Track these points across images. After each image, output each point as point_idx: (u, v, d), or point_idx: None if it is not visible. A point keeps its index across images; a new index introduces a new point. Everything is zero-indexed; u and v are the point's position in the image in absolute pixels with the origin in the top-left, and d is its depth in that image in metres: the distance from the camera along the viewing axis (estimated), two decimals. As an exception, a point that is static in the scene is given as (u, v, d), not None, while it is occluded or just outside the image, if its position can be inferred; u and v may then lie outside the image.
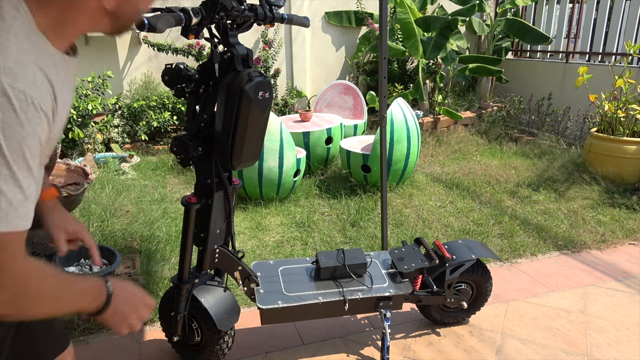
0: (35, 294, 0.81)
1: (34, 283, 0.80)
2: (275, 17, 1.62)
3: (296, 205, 3.80)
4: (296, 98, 6.14)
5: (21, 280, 0.78)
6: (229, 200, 1.77)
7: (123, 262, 2.68)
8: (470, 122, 6.16)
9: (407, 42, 5.66)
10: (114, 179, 4.03)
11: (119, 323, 1.02)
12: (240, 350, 2.17)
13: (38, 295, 0.81)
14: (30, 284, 0.80)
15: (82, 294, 0.91)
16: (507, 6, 6.17)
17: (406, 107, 4.04)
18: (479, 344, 2.24)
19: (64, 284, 0.87)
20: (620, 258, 3.08)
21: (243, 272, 1.94)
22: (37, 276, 0.81)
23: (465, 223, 3.52)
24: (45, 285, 0.83)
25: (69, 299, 0.88)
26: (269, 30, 5.81)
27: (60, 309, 0.87)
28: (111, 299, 0.97)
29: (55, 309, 0.86)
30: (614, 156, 4.17)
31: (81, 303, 0.91)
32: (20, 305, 0.80)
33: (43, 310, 0.84)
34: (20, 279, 0.78)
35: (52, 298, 0.84)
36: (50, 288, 0.84)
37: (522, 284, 2.77)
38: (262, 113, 1.60)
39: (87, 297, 0.93)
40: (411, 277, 2.11)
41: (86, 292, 0.92)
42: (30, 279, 0.79)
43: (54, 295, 0.85)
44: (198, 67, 1.59)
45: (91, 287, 0.94)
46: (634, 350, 2.21)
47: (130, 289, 1.08)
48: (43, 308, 0.84)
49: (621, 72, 4.38)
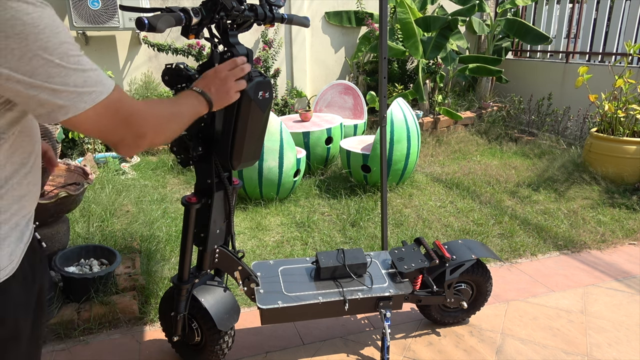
0: (164, 118, 1.02)
1: (157, 110, 1.00)
2: (275, 17, 1.62)
3: (296, 205, 3.80)
4: (296, 98, 6.14)
5: (148, 112, 0.96)
6: (229, 200, 1.77)
7: (123, 262, 2.68)
8: (470, 122, 6.16)
9: (407, 42, 5.66)
10: (114, 179, 4.03)
11: (229, 97, 1.31)
12: (240, 350, 2.17)
13: (165, 119, 1.02)
14: (156, 112, 0.99)
15: (191, 106, 1.16)
16: (507, 6, 6.17)
17: (406, 107, 4.04)
18: (479, 344, 2.24)
19: (176, 106, 1.10)
20: (620, 258, 3.08)
21: (243, 272, 1.94)
22: (156, 106, 1.02)
23: (465, 223, 3.52)
24: (166, 111, 1.04)
25: (185, 113, 1.12)
26: (269, 30, 5.81)
27: (186, 122, 1.12)
28: (207, 94, 1.21)
29: (182, 124, 1.10)
30: (614, 156, 4.17)
31: (195, 111, 1.17)
32: (161, 131, 1.00)
33: (176, 127, 1.07)
34: (148, 111, 0.96)
35: (176, 117, 1.07)
36: (169, 112, 1.05)
37: (522, 284, 2.77)
38: (262, 113, 1.60)
39: (195, 105, 1.18)
40: (411, 277, 2.11)
41: (193, 104, 1.17)
42: (154, 110, 0.99)
43: (176, 115, 1.07)
44: (198, 67, 1.59)
45: (192, 99, 1.19)
46: (634, 350, 2.21)
47: (211, 75, 1.30)
48: (176, 126, 1.07)
49: (621, 72, 4.38)
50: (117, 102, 0.89)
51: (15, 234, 0.92)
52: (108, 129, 0.90)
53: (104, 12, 4.83)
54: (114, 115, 0.89)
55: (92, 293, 2.32)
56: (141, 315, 2.37)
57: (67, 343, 2.18)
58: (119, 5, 3.04)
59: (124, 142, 0.93)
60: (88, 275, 2.31)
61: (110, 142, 0.93)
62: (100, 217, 3.25)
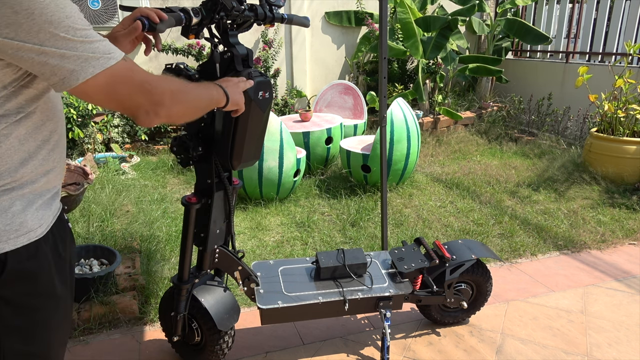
0: (181, 90, 1.04)
1: (173, 82, 1.04)
2: (275, 17, 1.62)
3: (296, 205, 3.80)
4: (296, 98, 6.14)
5: (163, 81, 0.99)
6: (229, 200, 1.77)
7: (123, 262, 2.68)
8: (470, 122, 6.16)
9: (407, 42, 5.66)
10: (114, 179, 4.03)
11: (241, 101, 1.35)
12: (240, 350, 2.17)
13: (183, 91, 1.05)
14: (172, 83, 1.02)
15: (209, 90, 1.21)
16: (507, 6, 6.17)
17: (406, 107, 4.04)
18: (479, 344, 2.24)
19: (193, 84, 1.13)
20: (620, 258, 3.08)
21: (243, 272, 1.94)
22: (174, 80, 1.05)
23: (465, 223, 3.52)
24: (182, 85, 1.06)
25: (203, 94, 1.16)
26: (269, 30, 5.81)
27: (204, 102, 1.16)
28: (227, 92, 1.27)
29: (201, 102, 1.14)
30: (614, 156, 4.17)
31: (212, 97, 1.21)
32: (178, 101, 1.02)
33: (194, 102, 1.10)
34: (163, 81, 0.99)
35: (193, 93, 1.10)
36: (187, 87, 1.08)
37: (522, 284, 2.77)
38: (262, 113, 1.60)
39: (213, 92, 1.22)
40: (411, 277, 2.11)
41: (211, 88, 1.22)
42: (169, 81, 1.02)
43: (193, 91, 1.10)
44: (198, 67, 1.59)
45: (211, 86, 1.24)
46: (634, 350, 2.21)
47: (224, 80, 1.35)
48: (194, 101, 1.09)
49: (621, 72, 4.38)
50: (129, 70, 0.93)
51: (41, 201, 0.99)
52: (123, 97, 0.93)
53: (104, 12, 4.83)
54: (127, 82, 0.92)
55: (92, 293, 2.32)
56: (141, 315, 2.37)
57: (67, 343, 2.18)
58: (119, 5, 3.04)
59: (142, 108, 0.96)
60: (88, 275, 2.32)
61: (128, 110, 0.96)
62: (100, 217, 3.25)
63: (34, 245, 0.96)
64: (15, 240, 0.93)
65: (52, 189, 1.04)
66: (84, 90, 0.89)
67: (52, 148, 1.00)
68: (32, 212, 0.96)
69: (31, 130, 0.94)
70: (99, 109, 4.58)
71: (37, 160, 0.96)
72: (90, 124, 4.63)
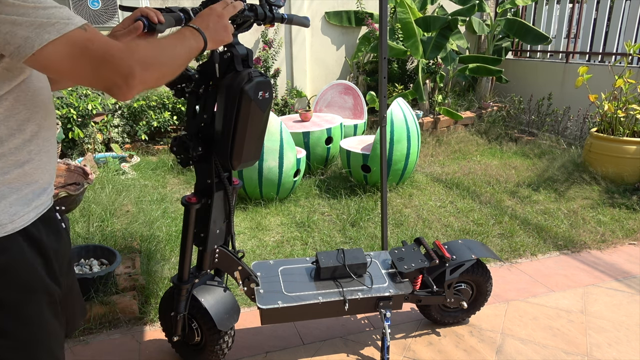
0: (151, 51, 0.96)
1: (141, 46, 0.95)
2: (275, 17, 1.62)
3: (296, 205, 3.80)
4: (296, 98, 6.14)
5: (129, 48, 0.91)
6: (229, 200, 1.77)
7: (123, 262, 2.68)
8: (470, 122, 6.16)
9: (407, 42, 5.66)
10: (114, 179, 4.03)
11: (227, 34, 1.24)
12: (240, 350, 2.17)
13: (154, 54, 0.97)
14: (140, 47, 0.94)
15: (184, 39, 1.10)
16: (507, 6, 6.17)
17: (406, 107, 4.04)
18: (479, 344, 2.24)
19: (164, 41, 1.05)
20: (620, 258, 3.08)
21: (243, 272, 1.94)
22: (141, 43, 0.97)
23: (465, 223, 3.52)
24: (152, 46, 0.99)
25: (178, 48, 1.06)
26: (269, 30, 5.81)
27: (181, 57, 1.06)
28: (202, 31, 1.15)
29: (177, 59, 1.05)
30: (614, 156, 4.17)
31: (189, 46, 1.11)
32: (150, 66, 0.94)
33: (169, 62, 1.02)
34: (129, 47, 0.91)
35: (166, 51, 1.02)
36: (158, 47, 1.00)
37: (522, 284, 2.77)
38: (262, 113, 1.60)
39: (189, 39, 1.12)
40: (411, 277, 2.11)
41: (186, 37, 1.11)
42: (137, 46, 0.94)
43: (166, 49, 1.02)
44: (198, 67, 1.59)
45: (187, 33, 1.13)
46: (634, 350, 2.21)
47: (206, 12, 1.24)
48: (168, 60, 1.02)
49: (621, 72, 4.38)
50: (88, 40, 0.87)
51: (16, 196, 0.97)
52: (87, 70, 0.88)
53: (104, 12, 4.83)
54: (87, 52, 0.86)
55: (92, 293, 2.31)
56: (141, 315, 2.37)
57: (67, 343, 2.18)
58: (119, 6, 3.04)
59: (111, 82, 0.89)
60: (88, 275, 2.31)
61: (98, 85, 0.91)
62: (100, 217, 3.25)
63: (5, 240, 0.93)
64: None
65: (33, 184, 1.00)
66: (43, 61, 0.84)
67: (29, 139, 0.97)
68: (2, 207, 0.93)
69: (3, 117, 0.92)
70: (99, 108, 4.58)
71: (5, 147, 0.93)
72: (90, 124, 4.63)
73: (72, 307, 1.25)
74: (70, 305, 1.23)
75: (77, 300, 1.29)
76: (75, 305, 1.28)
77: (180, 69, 1.07)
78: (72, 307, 1.25)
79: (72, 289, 1.25)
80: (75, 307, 1.28)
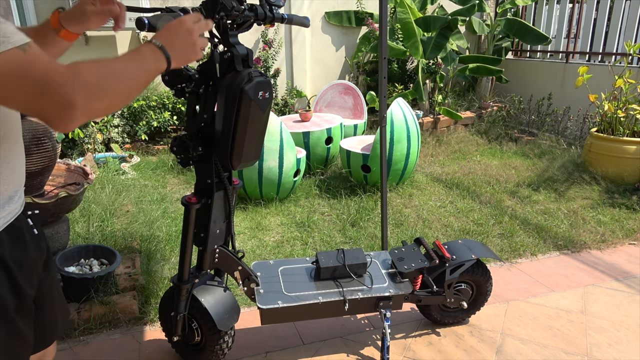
0: (100, 78, 0.85)
1: (89, 70, 0.84)
2: (275, 17, 1.62)
3: (296, 205, 3.80)
4: (296, 98, 6.14)
5: (74, 73, 0.81)
6: (229, 200, 1.77)
7: (123, 262, 2.68)
8: (470, 122, 6.16)
9: (407, 42, 5.66)
10: (114, 179, 4.03)
11: (195, 52, 1.09)
12: (240, 350, 2.17)
13: (102, 80, 0.85)
14: (87, 72, 0.83)
15: (143, 61, 0.97)
16: (507, 6, 6.17)
17: (406, 107, 4.04)
18: (479, 344, 2.24)
19: (117, 63, 0.91)
20: (620, 258, 3.08)
21: (243, 272, 1.94)
22: (89, 67, 0.85)
23: (465, 223, 3.52)
24: (102, 70, 0.86)
25: (132, 71, 0.93)
26: (269, 30, 5.81)
27: (135, 82, 0.93)
28: (166, 50, 1.01)
29: (130, 85, 0.92)
30: (614, 156, 4.17)
31: (149, 68, 0.97)
32: (96, 95, 0.83)
33: (121, 89, 0.89)
34: (74, 72, 0.81)
35: (118, 76, 0.89)
36: (108, 71, 0.87)
37: (522, 284, 2.77)
38: (262, 113, 1.60)
39: (149, 61, 0.98)
40: (411, 277, 2.11)
41: (146, 58, 0.97)
42: (84, 70, 0.83)
43: (118, 73, 0.89)
44: (198, 67, 1.59)
45: (147, 53, 0.99)
46: (634, 350, 2.21)
47: (175, 26, 1.08)
48: (120, 87, 0.89)
49: (621, 72, 4.38)
50: (26, 63, 0.77)
51: None
52: (22, 97, 0.78)
53: (104, 12, 4.82)
54: (24, 76, 0.76)
55: (92, 293, 2.32)
56: (141, 315, 2.37)
57: (68, 343, 2.18)
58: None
59: (51, 113, 0.79)
60: (88, 275, 2.31)
61: (35, 115, 0.81)
62: (100, 217, 3.25)
63: None
64: None
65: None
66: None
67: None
68: None
69: None
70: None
71: None
72: (90, 123, 4.63)
73: (51, 314, 1.21)
74: (49, 313, 1.20)
75: (57, 304, 1.25)
76: (56, 310, 1.24)
77: (134, 96, 0.95)
78: (52, 313, 1.22)
79: (51, 294, 1.20)
80: (56, 311, 1.24)
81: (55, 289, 1.24)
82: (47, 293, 1.18)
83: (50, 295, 1.20)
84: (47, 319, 1.20)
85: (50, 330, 1.24)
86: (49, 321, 1.21)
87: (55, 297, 1.23)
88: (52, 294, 1.21)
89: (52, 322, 1.23)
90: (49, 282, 1.19)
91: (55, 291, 1.24)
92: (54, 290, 1.22)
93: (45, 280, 1.16)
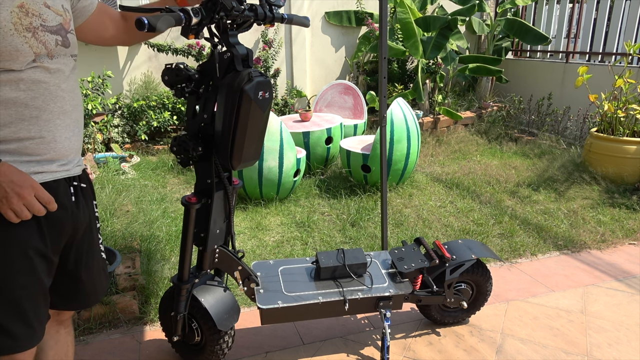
0: None
1: None
2: (275, 17, 1.62)
3: (296, 205, 3.80)
4: (296, 98, 6.14)
5: None
6: (229, 200, 1.77)
7: (123, 262, 2.68)
8: (470, 122, 6.16)
9: (407, 42, 5.66)
10: (114, 179, 4.03)
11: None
12: (240, 350, 2.17)
13: None
14: None
15: None
16: (507, 6, 6.17)
17: (406, 107, 4.04)
18: (479, 343, 2.25)
19: None
20: (620, 258, 3.08)
21: (243, 272, 1.94)
22: None
23: (465, 223, 3.52)
24: None
25: None
26: (269, 30, 5.81)
27: None
28: None
29: None
30: (614, 156, 4.17)
31: None
32: None
33: None
34: None
35: None
36: None
37: (522, 283, 2.77)
38: (262, 113, 1.60)
39: None
40: (411, 277, 2.11)
41: None
42: None
43: None
44: (198, 67, 1.59)
45: None
46: (634, 350, 2.21)
47: (6, 174, 1.09)
48: None
49: (621, 72, 4.38)
50: None
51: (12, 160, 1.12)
52: None
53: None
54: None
55: (92, 293, 2.31)
56: (141, 315, 2.37)
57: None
58: (119, 5, 3.04)
59: None
60: None
61: None
62: (100, 217, 3.25)
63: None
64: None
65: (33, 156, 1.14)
66: None
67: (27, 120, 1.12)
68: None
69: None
70: (99, 108, 4.58)
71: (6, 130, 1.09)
72: (90, 123, 4.63)
73: (90, 283, 1.38)
74: (87, 282, 1.37)
75: (96, 277, 1.41)
76: (95, 282, 1.41)
77: None
78: (91, 283, 1.39)
79: (88, 265, 1.37)
80: (95, 283, 1.41)
81: (96, 263, 1.41)
82: (84, 263, 1.35)
83: (88, 267, 1.37)
84: (81, 286, 1.36)
85: (86, 298, 1.40)
86: (85, 289, 1.38)
87: (94, 270, 1.40)
88: (89, 266, 1.37)
89: (89, 290, 1.40)
90: (86, 253, 1.36)
91: (96, 265, 1.41)
92: (93, 263, 1.39)
93: (81, 249, 1.33)
